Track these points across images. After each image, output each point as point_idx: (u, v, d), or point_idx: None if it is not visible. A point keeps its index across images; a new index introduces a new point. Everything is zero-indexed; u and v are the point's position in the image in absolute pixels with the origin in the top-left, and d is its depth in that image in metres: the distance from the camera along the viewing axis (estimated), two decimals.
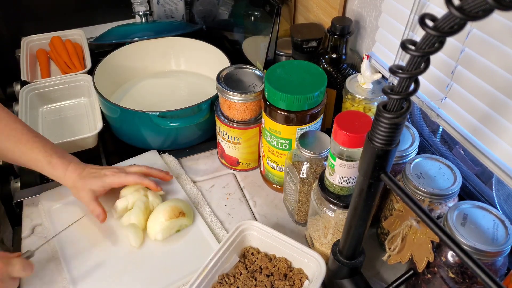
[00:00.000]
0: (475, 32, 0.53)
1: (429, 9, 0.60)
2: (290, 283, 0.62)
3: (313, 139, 0.65)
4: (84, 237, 0.70)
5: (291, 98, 0.65)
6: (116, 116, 0.86)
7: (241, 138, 0.77)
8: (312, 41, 0.84)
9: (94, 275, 0.65)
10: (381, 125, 0.38)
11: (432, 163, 0.61)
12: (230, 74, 0.77)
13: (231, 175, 0.84)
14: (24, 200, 0.77)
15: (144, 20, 1.09)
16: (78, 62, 1.07)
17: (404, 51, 0.31)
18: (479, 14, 0.25)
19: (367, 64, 0.70)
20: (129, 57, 1.02)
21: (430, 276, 0.56)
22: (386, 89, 0.36)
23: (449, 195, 0.57)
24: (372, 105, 0.72)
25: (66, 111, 0.98)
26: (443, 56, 0.59)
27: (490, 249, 0.48)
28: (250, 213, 0.77)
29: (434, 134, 0.80)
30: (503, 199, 0.66)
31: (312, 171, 0.65)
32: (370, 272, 0.68)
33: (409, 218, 0.57)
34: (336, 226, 0.61)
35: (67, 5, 1.22)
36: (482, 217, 0.52)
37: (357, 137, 0.51)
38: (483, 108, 0.55)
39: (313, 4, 0.95)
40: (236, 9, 1.07)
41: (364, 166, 0.43)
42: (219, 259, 0.62)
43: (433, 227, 0.39)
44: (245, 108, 0.73)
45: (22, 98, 0.93)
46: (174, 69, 1.09)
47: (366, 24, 0.80)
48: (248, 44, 1.00)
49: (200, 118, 0.82)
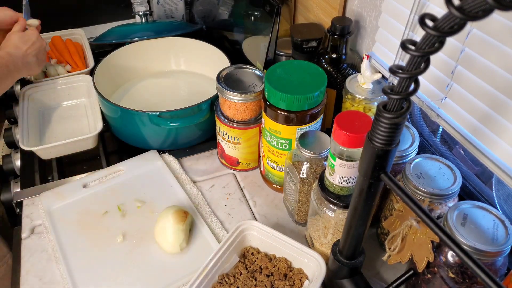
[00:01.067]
0: (475, 32, 0.53)
1: (429, 9, 0.60)
2: (290, 283, 0.62)
3: (313, 139, 0.65)
4: (84, 237, 0.70)
5: (291, 98, 0.65)
6: (116, 116, 0.86)
7: (241, 138, 0.77)
8: (312, 41, 0.84)
9: (94, 275, 0.65)
10: (381, 125, 0.38)
11: (432, 163, 0.61)
12: (230, 74, 0.77)
13: (231, 175, 0.84)
14: (24, 200, 0.77)
15: (144, 20, 1.09)
16: (80, 61, 1.07)
17: (404, 51, 0.31)
18: (479, 14, 0.25)
19: (367, 64, 0.70)
20: (129, 57, 1.02)
21: (430, 276, 0.56)
22: (386, 89, 0.36)
23: (449, 195, 0.57)
24: (372, 105, 0.72)
25: (66, 112, 0.98)
26: (443, 56, 0.59)
27: (490, 249, 0.48)
28: (250, 213, 0.77)
29: (434, 134, 0.80)
30: (503, 199, 0.66)
31: (312, 171, 0.65)
32: (370, 272, 0.68)
33: (409, 218, 0.57)
34: (336, 226, 0.61)
35: (67, 5, 1.22)
36: (482, 217, 0.52)
37: (357, 137, 0.51)
38: (483, 108, 0.55)
39: (313, 4, 0.95)
40: (236, 9, 1.07)
41: (364, 166, 0.43)
42: (219, 259, 0.62)
43: (433, 227, 0.39)
44: (245, 108, 0.73)
45: (22, 98, 0.93)
46: (174, 69, 1.09)
47: (366, 24, 0.80)
48: (248, 44, 1.00)
49: (200, 118, 0.82)
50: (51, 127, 0.94)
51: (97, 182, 0.79)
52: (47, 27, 1.14)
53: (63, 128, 0.94)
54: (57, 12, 1.21)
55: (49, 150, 0.83)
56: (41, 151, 0.83)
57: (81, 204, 0.75)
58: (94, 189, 0.78)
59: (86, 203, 0.76)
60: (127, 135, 0.89)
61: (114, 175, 0.81)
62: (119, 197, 0.77)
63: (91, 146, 0.87)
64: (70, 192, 0.77)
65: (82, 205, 0.75)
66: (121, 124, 0.87)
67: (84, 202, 0.76)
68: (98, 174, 0.80)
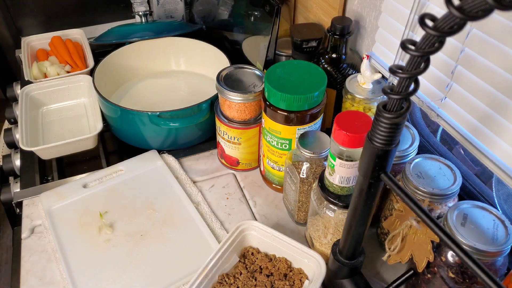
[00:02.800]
0: (475, 32, 0.53)
1: (429, 9, 0.60)
2: (290, 283, 0.62)
3: (313, 139, 0.65)
4: (84, 237, 0.70)
5: (291, 98, 0.65)
6: (116, 116, 0.86)
7: (241, 138, 0.77)
8: (312, 41, 0.84)
9: (94, 275, 0.65)
10: (381, 125, 0.38)
11: (432, 163, 0.61)
12: (230, 74, 0.77)
13: (231, 175, 0.84)
14: (24, 200, 0.77)
15: (144, 20, 1.09)
16: (80, 61, 1.07)
17: (404, 51, 0.31)
18: (479, 14, 0.25)
19: (367, 64, 0.70)
20: (129, 57, 1.02)
21: (430, 276, 0.56)
22: (386, 89, 0.36)
23: (449, 195, 0.57)
24: (372, 105, 0.72)
25: (66, 112, 0.98)
26: (443, 56, 0.59)
27: (490, 249, 0.48)
28: (250, 213, 0.77)
29: (434, 134, 0.80)
30: (503, 199, 0.66)
31: (312, 171, 0.65)
32: (370, 272, 0.68)
33: (409, 218, 0.57)
34: (336, 226, 0.61)
35: (67, 5, 1.22)
36: (482, 217, 0.52)
37: (357, 137, 0.51)
38: (483, 108, 0.55)
39: (313, 4, 0.95)
40: (236, 9, 1.07)
41: (364, 166, 0.43)
42: (219, 259, 0.62)
43: (433, 227, 0.39)
44: (245, 108, 0.73)
45: (22, 99, 0.93)
46: (174, 69, 1.09)
47: (366, 24, 0.80)
48: (248, 44, 1.00)
49: (200, 118, 0.82)
50: (51, 127, 0.94)
51: (97, 182, 0.79)
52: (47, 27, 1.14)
53: (63, 128, 0.94)
54: (57, 12, 1.21)
55: (49, 150, 0.83)
56: (41, 151, 0.83)
57: (81, 204, 0.75)
58: (94, 189, 0.78)
59: (86, 203, 0.76)
60: (127, 135, 0.89)
61: (114, 175, 0.81)
62: (119, 197, 0.77)
63: (91, 146, 0.87)
64: (70, 192, 0.77)
65: (82, 205, 0.75)
66: (121, 124, 0.87)
67: (84, 202, 0.76)
68: (98, 174, 0.80)
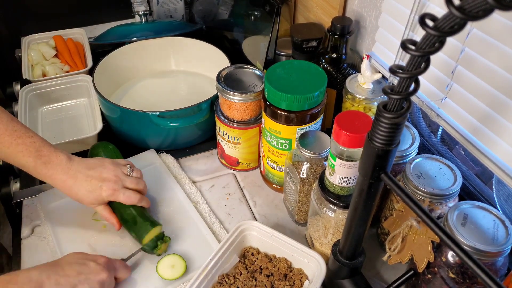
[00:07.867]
0: (475, 32, 0.53)
1: (429, 9, 0.60)
2: (290, 283, 0.62)
3: (313, 139, 0.65)
4: (84, 237, 0.70)
5: (291, 98, 0.65)
6: (116, 116, 0.85)
7: (241, 138, 0.77)
8: (312, 41, 0.84)
9: None
10: (381, 125, 0.38)
11: (432, 163, 0.61)
12: (230, 74, 0.77)
13: (231, 175, 0.84)
14: (24, 200, 0.77)
15: (144, 20, 1.09)
16: (80, 61, 1.07)
17: (404, 51, 0.31)
18: (479, 14, 0.25)
19: (367, 64, 0.70)
20: (129, 57, 1.01)
21: (430, 276, 0.56)
22: (386, 89, 0.36)
23: (449, 195, 0.57)
24: (372, 105, 0.72)
25: (66, 112, 0.98)
26: (443, 56, 0.59)
27: (490, 249, 0.48)
28: (250, 213, 0.77)
29: (434, 134, 0.80)
30: (503, 199, 0.66)
31: (312, 171, 0.65)
32: (370, 272, 0.68)
33: (409, 218, 0.57)
34: (336, 226, 0.61)
35: (67, 5, 1.22)
36: (483, 217, 0.52)
37: (357, 137, 0.51)
38: (483, 108, 0.55)
39: (313, 4, 0.95)
40: (236, 9, 1.07)
41: (364, 166, 0.43)
42: (219, 259, 0.62)
43: (433, 227, 0.39)
44: (245, 108, 0.73)
45: (21, 98, 0.93)
46: (174, 69, 1.09)
47: (366, 24, 0.80)
48: (248, 44, 1.00)
49: (200, 118, 0.82)
50: (51, 127, 0.94)
51: None
52: (48, 27, 1.14)
53: (63, 128, 0.94)
54: (56, 12, 1.21)
55: None
56: None
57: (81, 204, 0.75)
58: None
59: None
60: (127, 135, 0.89)
61: None
62: None
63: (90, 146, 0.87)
64: None
65: (81, 204, 0.75)
66: (121, 124, 0.87)
67: None
68: None
